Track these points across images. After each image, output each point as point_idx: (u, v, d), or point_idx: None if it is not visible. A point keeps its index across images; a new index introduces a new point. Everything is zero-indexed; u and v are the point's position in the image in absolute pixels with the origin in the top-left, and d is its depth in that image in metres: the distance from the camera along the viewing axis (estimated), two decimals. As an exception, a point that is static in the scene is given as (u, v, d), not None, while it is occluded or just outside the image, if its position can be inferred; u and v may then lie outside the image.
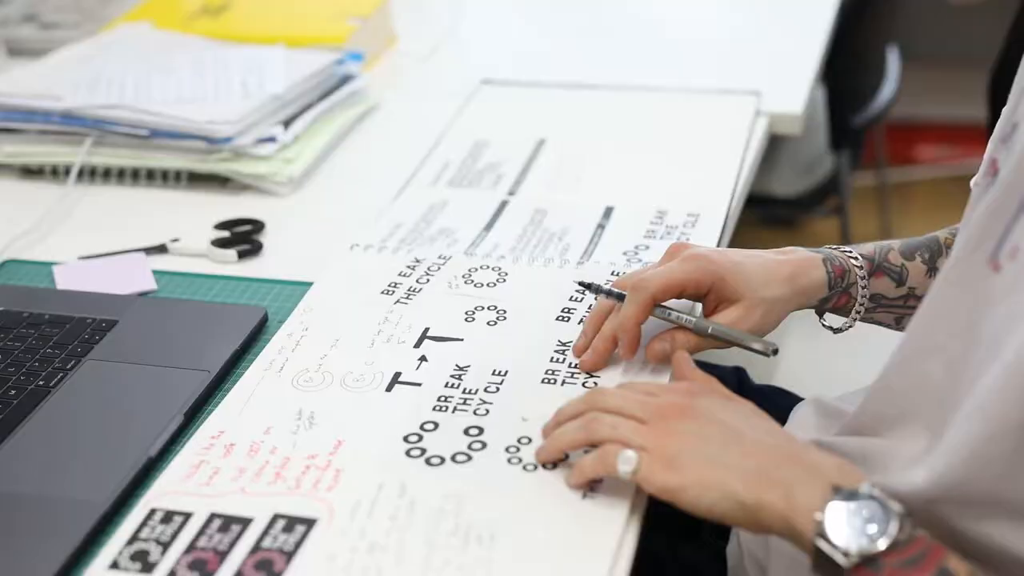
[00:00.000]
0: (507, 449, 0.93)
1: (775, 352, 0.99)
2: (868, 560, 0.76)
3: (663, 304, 1.01)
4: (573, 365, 1.02)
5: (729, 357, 1.18)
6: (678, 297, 1.02)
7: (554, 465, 0.91)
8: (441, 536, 0.85)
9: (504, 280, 1.14)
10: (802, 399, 1.16)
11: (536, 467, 0.91)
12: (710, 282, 1.01)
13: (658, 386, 0.92)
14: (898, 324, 1.10)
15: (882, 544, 0.76)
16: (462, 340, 1.06)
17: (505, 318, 1.09)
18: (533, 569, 0.82)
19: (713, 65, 1.66)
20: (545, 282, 1.14)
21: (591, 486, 0.88)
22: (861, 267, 1.06)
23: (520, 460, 0.92)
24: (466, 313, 1.09)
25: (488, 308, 1.10)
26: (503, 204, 1.31)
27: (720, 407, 0.88)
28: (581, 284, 1.06)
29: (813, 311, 1.09)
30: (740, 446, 0.84)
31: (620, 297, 1.02)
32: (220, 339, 1.08)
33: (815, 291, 1.05)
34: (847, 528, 0.77)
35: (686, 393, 0.89)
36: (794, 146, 2.24)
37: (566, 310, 1.09)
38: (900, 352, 0.88)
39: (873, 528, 0.77)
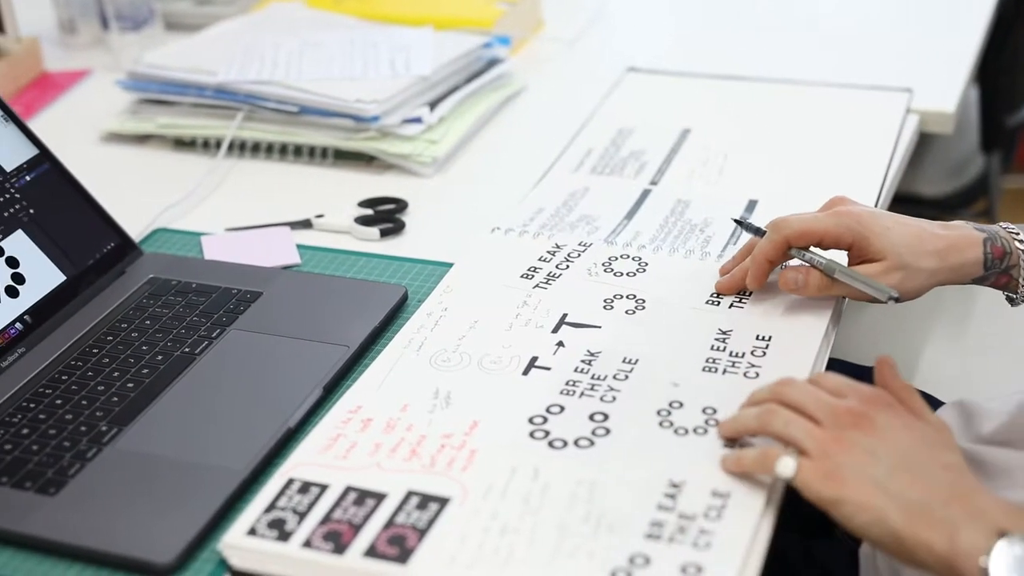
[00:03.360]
0: (634, 436, 0.93)
1: (894, 299, 1.00)
2: None
3: (801, 247, 1.04)
4: (733, 353, 1.02)
5: (868, 358, 1.16)
6: (817, 246, 1.05)
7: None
8: (573, 522, 0.85)
9: (644, 270, 1.13)
10: (943, 403, 1.14)
11: (687, 431, 0.92)
12: (851, 239, 1.02)
13: (848, 385, 0.89)
14: None
15: None
16: (600, 327, 1.06)
17: (644, 307, 1.08)
18: (663, 561, 0.82)
19: (864, 60, 1.63)
20: (686, 274, 1.13)
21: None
22: None
23: (671, 424, 0.93)
24: (604, 301, 1.09)
25: (627, 297, 1.09)
26: (645, 193, 1.30)
27: (901, 426, 0.86)
28: (734, 220, 1.15)
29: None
30: (909, 473, 0.82)
31: (763, 234, 1.06)
32: (361, 315, 1.10)
33: (969, 269, 1.03)
34: (1013, 574, 0.76)
35: (872, 401, 0.87)
36: (944, 146, 2.19)
37: (707, 302, 1.09)
38: None
39: None
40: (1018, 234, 1.04)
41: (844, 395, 0.88)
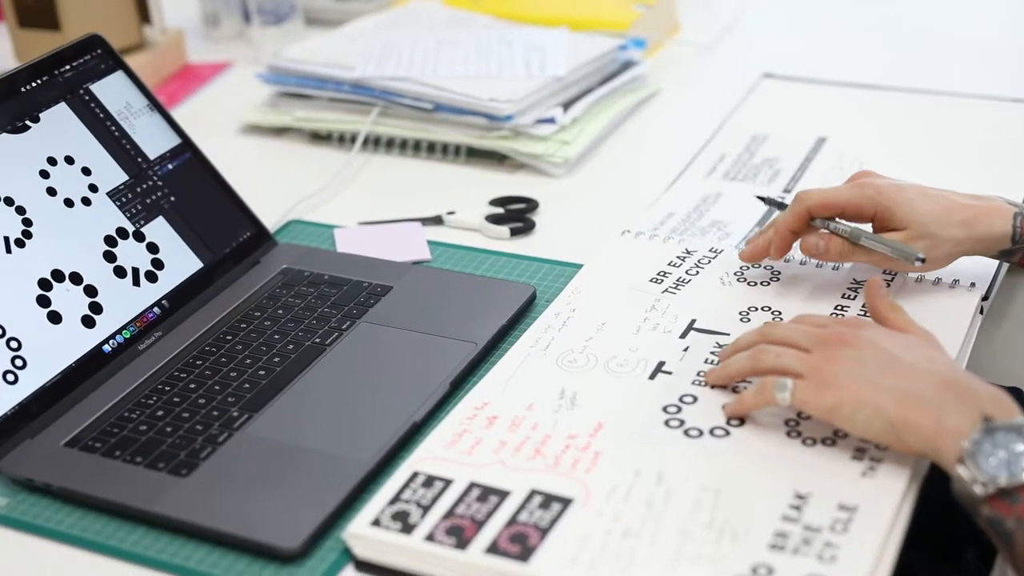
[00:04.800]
0: (761, 443, 0.92)
1: (920, 260, 1.03)
2: (1005, 492, 0.79)
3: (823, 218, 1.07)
4: None
5: (1004, 377, 1.13)
6: (840, 217, 1.07)
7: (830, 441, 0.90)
8: (696, 528, 0.84)
9: (777, 279, 1.12)
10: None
11: (815, 442, 0.91)
12: (872, 210, 1.05)
13: (829, 318, 0.96)
14: None
15: (1022, 478, 0.78)
16: (728, 335, 1.05)
17: (781, 319, 1.07)
18: (786, 572, 0.81)
19: (1007, 72, 1.59)
20: (817, 284, 1.11)
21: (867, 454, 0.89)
22: None
23: (799, 434, 0.92)
24: (740, 314, 1.08)
25: (763, 309, 1.08)
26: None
27: (884, 336, 0.91)
28: (757, 197, 1.20)
29: None
30: (896, 370, 0.87)
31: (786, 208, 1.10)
32: (489, 313, 1.10)
33: (995, 241, 1.05)
34: (990, 458, 0.80)
35: (853, 324, 0.92)
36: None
37: (839, 307, 1.07)
38: None
39: (1016, 462, 0.79)
40: None
41: (825, 325, 0.93)
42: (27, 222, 1.06)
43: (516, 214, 1.30)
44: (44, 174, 1.09)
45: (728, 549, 0.83)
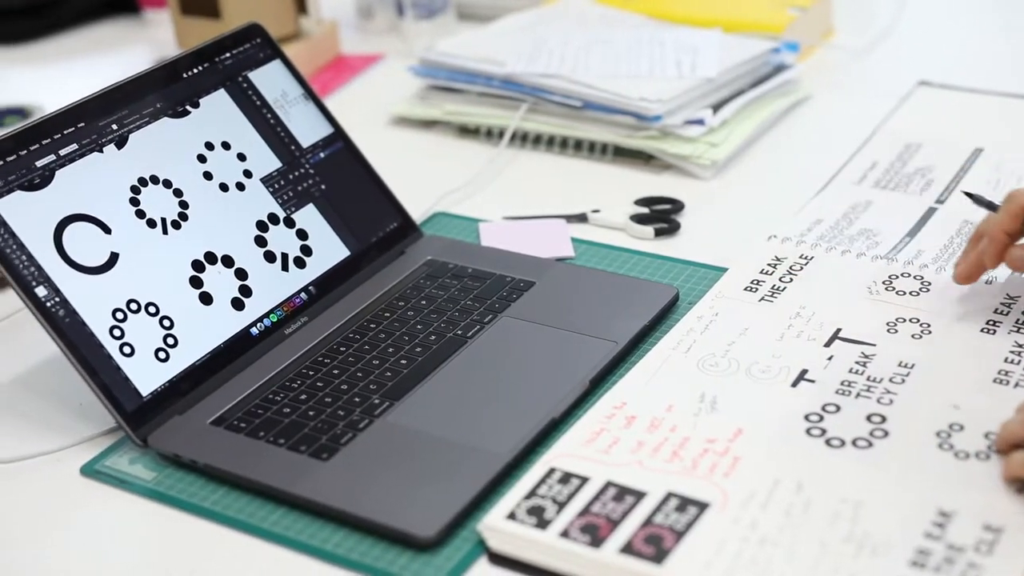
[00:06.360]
0: (909, 454, 0.90)
1: None
2: None
3: None
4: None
5: None
6: None
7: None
8: (835, 541, 0.83)
9: (927, 290, 1.10)
10: None
11: (968, 455, 0.89)
12: None
13: None
14: None
15: None
16: (874, 345, 1.03)
17: (930, 332, 1.04)
18: (927, 590, 0.79)
19: None
20: (969, 296, 1.08)
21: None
22: None
23: (952, 447, 0.90)
24: (887, 324, 1.06)
25: (911, 320, 1.06)
26: (930, 211, 1.26)
27: None
28: (965, 193, 1.10)
29: None
30: None
31: (997, 209, 1.03)
32: (630, 312, 1.10)
33: None
34: None
35: None
36: None
37: (991, 322, 1.05)
38: None
39: None
40: None
41: None
42: (183, 204, 1.08)
43: (661, 215, 1.29)
44: (201, 158, 1.11)
45: (867, 563, 0.81)
